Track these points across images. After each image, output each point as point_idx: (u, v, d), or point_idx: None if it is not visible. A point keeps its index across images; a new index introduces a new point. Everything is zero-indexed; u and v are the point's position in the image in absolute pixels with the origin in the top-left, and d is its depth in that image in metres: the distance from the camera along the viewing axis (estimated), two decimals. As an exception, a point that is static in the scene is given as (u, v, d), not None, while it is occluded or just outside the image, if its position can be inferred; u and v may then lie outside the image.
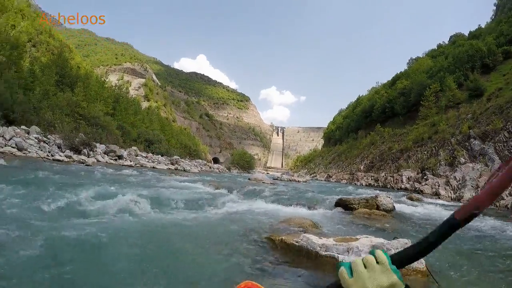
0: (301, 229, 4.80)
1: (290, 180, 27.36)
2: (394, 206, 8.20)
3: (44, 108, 21.52)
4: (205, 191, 9.72)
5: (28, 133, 16.81)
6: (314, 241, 3.60)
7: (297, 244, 3.75)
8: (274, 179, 26.21)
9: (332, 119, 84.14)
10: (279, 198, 9.39)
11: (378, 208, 7.73)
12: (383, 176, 29.09)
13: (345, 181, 36.18)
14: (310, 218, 5.72)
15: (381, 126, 46.10)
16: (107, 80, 44.80)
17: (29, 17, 37.49)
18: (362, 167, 38.77)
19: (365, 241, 3.49)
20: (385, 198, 8.07)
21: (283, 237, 3.98)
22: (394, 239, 3.48)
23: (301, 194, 11.19)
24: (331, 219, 6.56)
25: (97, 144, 21.81)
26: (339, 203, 8.02)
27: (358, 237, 3.72)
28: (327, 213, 7.33)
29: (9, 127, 15.80)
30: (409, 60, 71.21)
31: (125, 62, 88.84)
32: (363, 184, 30.66)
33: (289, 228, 4.92)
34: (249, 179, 22.37)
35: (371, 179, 30.97)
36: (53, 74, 27.31)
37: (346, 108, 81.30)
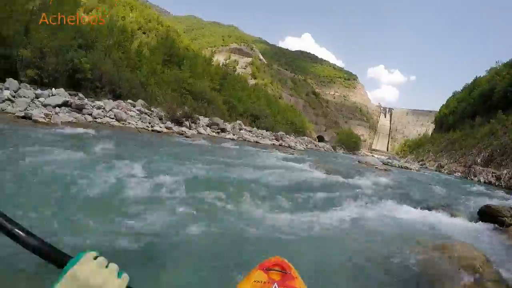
0: (474, 274, 2.88)
1: (402, 167, 25.10)
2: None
3: (151, 84, 21.97)
4: (315, 177, 8.27)
5: (134, 106, 16.91)
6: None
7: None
8: (384, 164, 23.69)
9: (445, 102, 72.76)
10: (404, 195, 7.80)
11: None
12: (506, 174, 23.25)
13: (459, 173, 30.91)
14: (457, 238, 4.11)
15: (504, 113, 37.45)
16: (214, 59, 45.71)
17: (137, 9, 40.32)
18: (479, 160, 32.20)
19: None
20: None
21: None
22: None
23: (426, 190, 9.45)
24: (485, 240, 4.77)
25: (200, 117, 21.41)
26: (485, 213, 6.15)
27: None
28: (474, 228, 5.54)
29: (115, 101, 15.98)
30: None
31: (232, 43, 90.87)
32: (481, 180, 25.10)
33: (451, 264, 3.07)
34: (359, 161, 20.59)
35: (492, 176, 24.96)
36: (160, 54, 28.22)
37: (462, 90, 68.85)
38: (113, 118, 12.99)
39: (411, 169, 24.92)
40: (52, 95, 12.24)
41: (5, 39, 12.95)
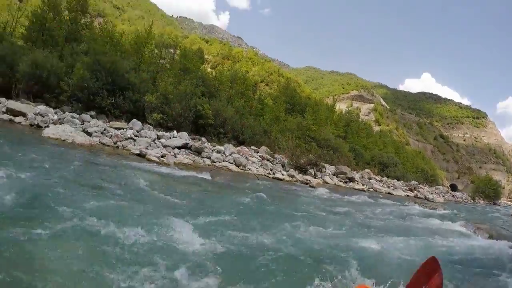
0: None
1: None
2: None
3: (274, 131, 21.19)
4: (485, 248, 5.75)
5: (257, 152, 15.93)
6: None
7: None
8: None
9: None
10: None
11: None
12: None
13: None
14: None
15: None
16: (336, 106, 44.44)
17: (259, 63, 42.92)
18: None
19: None
20: None
21: None
22: None
23: None
24: None
25: (326, 165, 19.21)
26: None
27: None
28: None
29: (237, 146, 15.25)
30: None
31: (352, 90, 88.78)
32: None
33: None
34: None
35: None
36: (283, 103, 27.98)
37: None
38: (232, 163, 11.97)
39: None
40: (174, 137, 12.25)
41: (135, 86, 14.19)
